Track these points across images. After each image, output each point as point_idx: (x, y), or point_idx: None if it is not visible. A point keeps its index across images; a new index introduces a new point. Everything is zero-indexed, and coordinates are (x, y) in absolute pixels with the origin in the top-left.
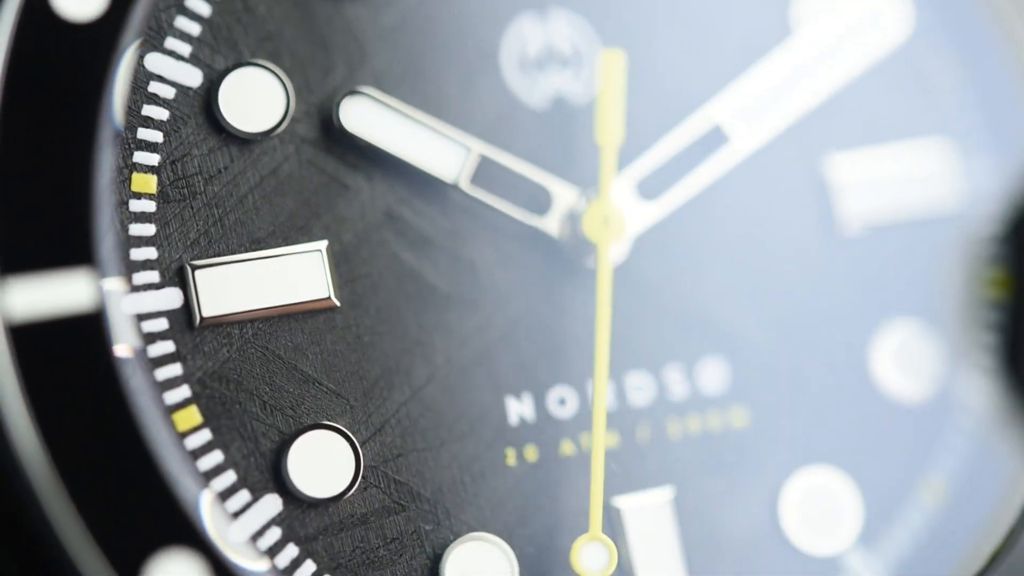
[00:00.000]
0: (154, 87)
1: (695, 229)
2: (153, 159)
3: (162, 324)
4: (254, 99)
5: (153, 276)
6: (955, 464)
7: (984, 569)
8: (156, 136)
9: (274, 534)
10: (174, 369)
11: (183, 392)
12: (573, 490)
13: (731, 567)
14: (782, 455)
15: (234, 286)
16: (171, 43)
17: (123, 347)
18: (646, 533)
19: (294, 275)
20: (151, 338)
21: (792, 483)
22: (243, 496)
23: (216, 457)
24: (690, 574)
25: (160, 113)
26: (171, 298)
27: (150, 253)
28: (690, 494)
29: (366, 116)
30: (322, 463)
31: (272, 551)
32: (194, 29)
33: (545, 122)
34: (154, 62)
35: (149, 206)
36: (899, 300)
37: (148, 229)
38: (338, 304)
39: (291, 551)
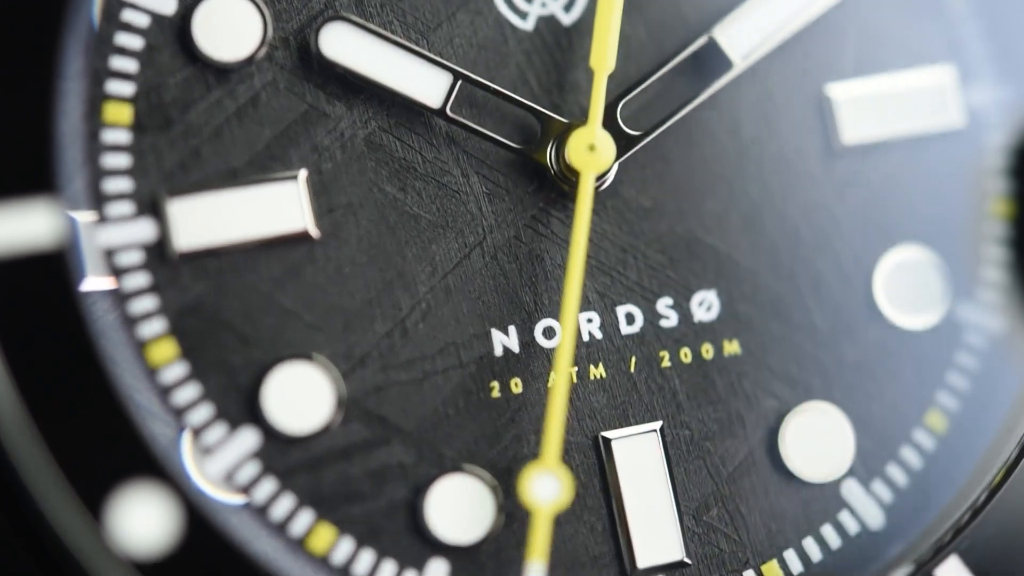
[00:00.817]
0: (127, 15)
1: (687, 155)
2: (127, 89)
3: (136, 257)
4: (230, 26)
5: (127, 208)
6: (964, 389)
7: (983, 499)
8: (130, 66)
9: (251, 468)
10: (148, 302)
11: (158, 326)
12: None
13: (723, 497)
14: (777, 386)
15: (210, 217)
16: None
17: (93, 280)
18: (635, 465)
19: (272, 206)
20: (125, 271)
21: (788, 414)
22: (219, 430)
23: (192, 391)
24: (680, 505)
25: (134, 42)
26: (145, 230)
27: (124, 185)
28: (681, 424)
29: (346, 42)
30: (301, 397)
31: (249, 486)
32: None
33: (534, 46)
34: None
35: (123, 137)
36: (902, 224)
37: (122, 160)
38: (317, 235)
39: (269, 486)
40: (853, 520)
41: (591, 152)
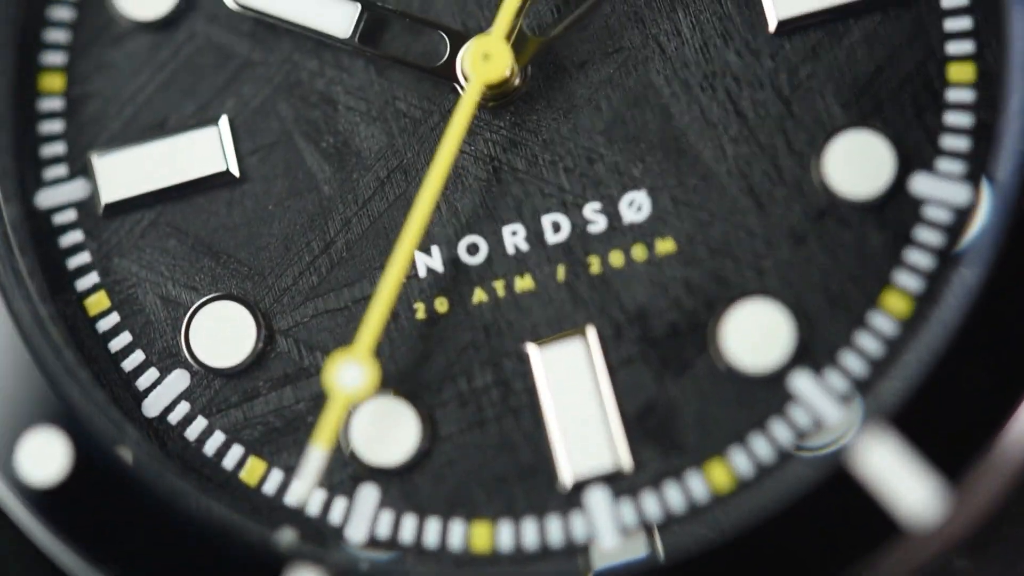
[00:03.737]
0: None
1: (605, 57)
2: (59, 58)
3: (71, 215)
4: None
5: (62, 170)
6: (927, 268)
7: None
8: (61, 36)
9: (183, 408)
10: (84, 257)
11: (92, 278)
12: (486, 339)
13: (663, 399)
14: (712, 281)
15: (135, 170)
16: None
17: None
18: (566, 375)
19: (194, 152)
20: (62, 230)
21: (725, 308)
22: (152, 374)
23: (125, 338)
24: (618, 410)
25: (64, 13)
26: (78, 189)
27: (59, 149)
28: (614, 329)
29: None
30: (228, 334)
31: (182, 424)
32: None
33: None
34: None
35: (57, 104)
36: (839, 103)
37: (56, 126)
38: (238, 176)
39: (200, 423)
40: (804, 413)
41: (485, 61)
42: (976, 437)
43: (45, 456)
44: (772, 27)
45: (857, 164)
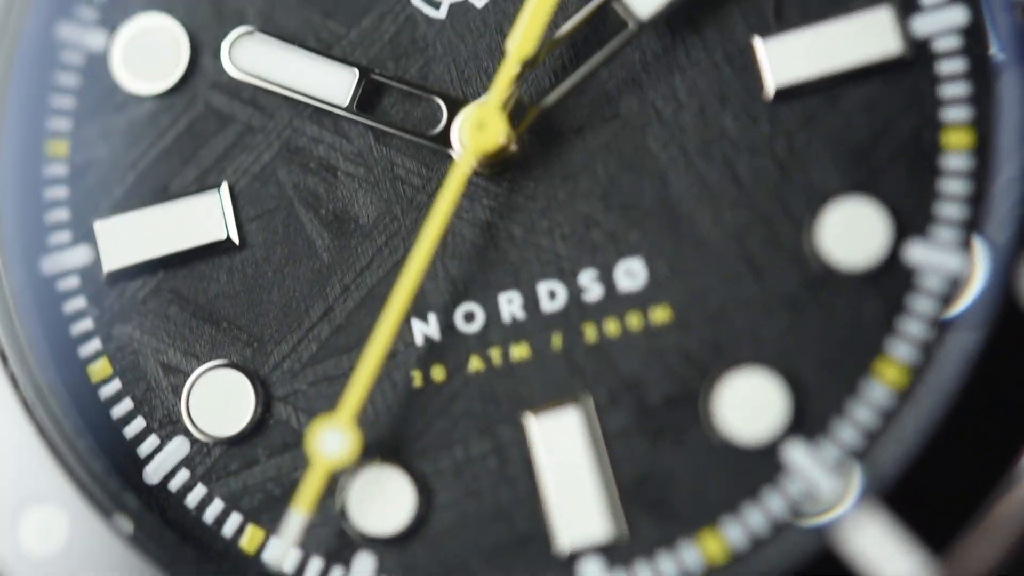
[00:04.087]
0: (65, 56)
1: (601, 124)
2: (64, 124)
3: (75, 282)
4: (152, 57)
5: (65, 237)
6: (920, 337)
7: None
8: (66, 102)
9: (184, 475)
10: (87, 323)
11: (95, 345)
12: (482, 408)
13: (658, 468)
14: (708, 350)
15: (137, 236)
16: (81, 11)
17: None
18: (560, 445)
19: (195, 218)
20: (66, 296)
21: (721, 378)
22: (153, 441)
23: (127, 405)
24: (613, 481)
25: (70, 79)
26: (81, 256)
27: (63, 215)
28: (609, 399)
29: (252, 59)
30: (228, 401)
31: (182, 492)
32: None
33: (447, 33)
34: (66, 32)
35: (61, 170)
36: (838, 172)
37: (61, 192)
38: (239, 243)
39: (200, 490)
40: (797, 483)
41: (480, 130)
42: (967, 510)
43: (47, 527)
44: (769, 93)
45: (853, 232)
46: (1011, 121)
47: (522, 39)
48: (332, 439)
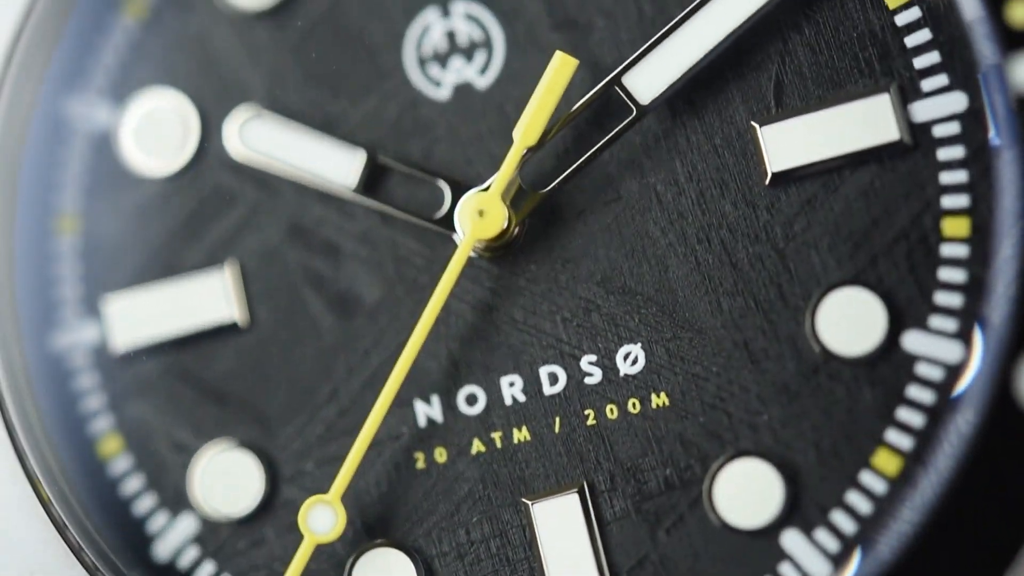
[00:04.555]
0: (74, 132)
1: (603, 208)
2: (77, 201)
3: (85, 358)
4: (162, 135)
5: (76, 313)
6: (918, 426)
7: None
8: (80, 179)
9: (192, 553)
10: (97, 400)
11: (105, 421)
12: (484, 490)
13: (656, 554)
14: (707, 438)
15: (146, 314)
16: (83, 97)
17: None
18: (560, 529)
19: (202, 298)
20: (76, 372)
21: (720, 466)
22: (162, 518)
23: (136, 482)
24: (612, 566)
25: (82, 156)
26: (91, 332)
27: (74, 291)
28: (609, 483)
29: (259, 140)
30: (235, 481)
31: (191, 569)
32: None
33: (450, 115)
34: (73, 107)
35: (72, 246)
36: (836, 260)
37: (71, 268)
38: (245, 323)
39: (209, 568)
40: (794, 571)
41: (481, 217)
42: None
43: None
44: (768, 178)
45: (850, 320)
46: (1007, 203)
47: (528, 127)
48: (321, 516)
